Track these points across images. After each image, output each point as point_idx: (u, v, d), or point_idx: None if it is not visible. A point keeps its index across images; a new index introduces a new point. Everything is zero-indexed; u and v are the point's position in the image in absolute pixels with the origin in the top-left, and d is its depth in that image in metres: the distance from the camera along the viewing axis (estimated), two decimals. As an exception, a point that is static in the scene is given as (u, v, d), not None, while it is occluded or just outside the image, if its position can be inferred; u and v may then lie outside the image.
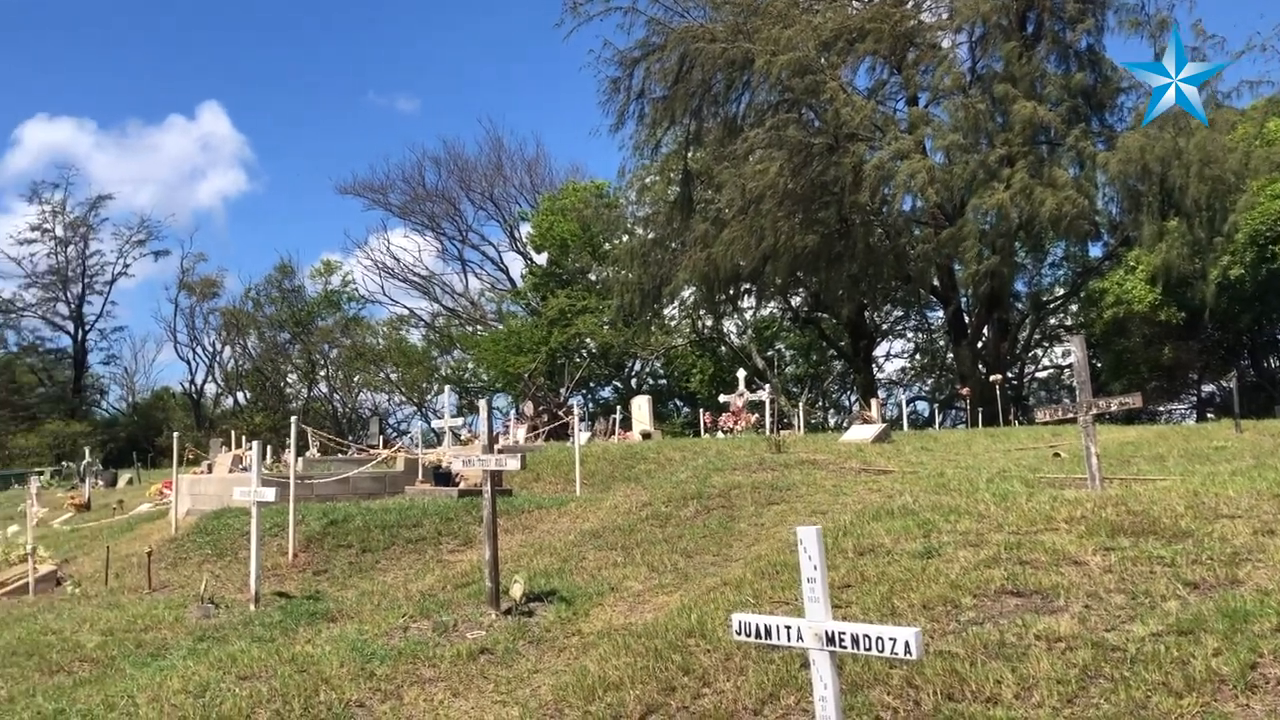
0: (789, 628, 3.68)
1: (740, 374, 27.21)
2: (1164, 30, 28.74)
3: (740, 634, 3.85)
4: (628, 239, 45.20)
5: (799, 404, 31.38)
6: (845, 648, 3.53)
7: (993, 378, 30.20)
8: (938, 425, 34.75)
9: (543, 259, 53.35)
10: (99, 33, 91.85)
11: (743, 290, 41.35)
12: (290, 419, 13.45)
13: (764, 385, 29.98)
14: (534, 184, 58.18)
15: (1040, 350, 48.92)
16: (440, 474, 15.41)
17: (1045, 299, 44.55)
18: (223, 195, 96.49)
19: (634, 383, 52.33)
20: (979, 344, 36.94)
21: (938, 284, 37.36)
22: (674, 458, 16.61)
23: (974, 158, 30.05)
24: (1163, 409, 40.28)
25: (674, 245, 38.79)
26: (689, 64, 34.59)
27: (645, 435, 24.63)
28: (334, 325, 60.68)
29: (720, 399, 26.96)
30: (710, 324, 46.99)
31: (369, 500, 14.54)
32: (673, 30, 35.72)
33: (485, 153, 60.86)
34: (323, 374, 61.96)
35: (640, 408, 27.22)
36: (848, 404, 50.38)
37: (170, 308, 64.82)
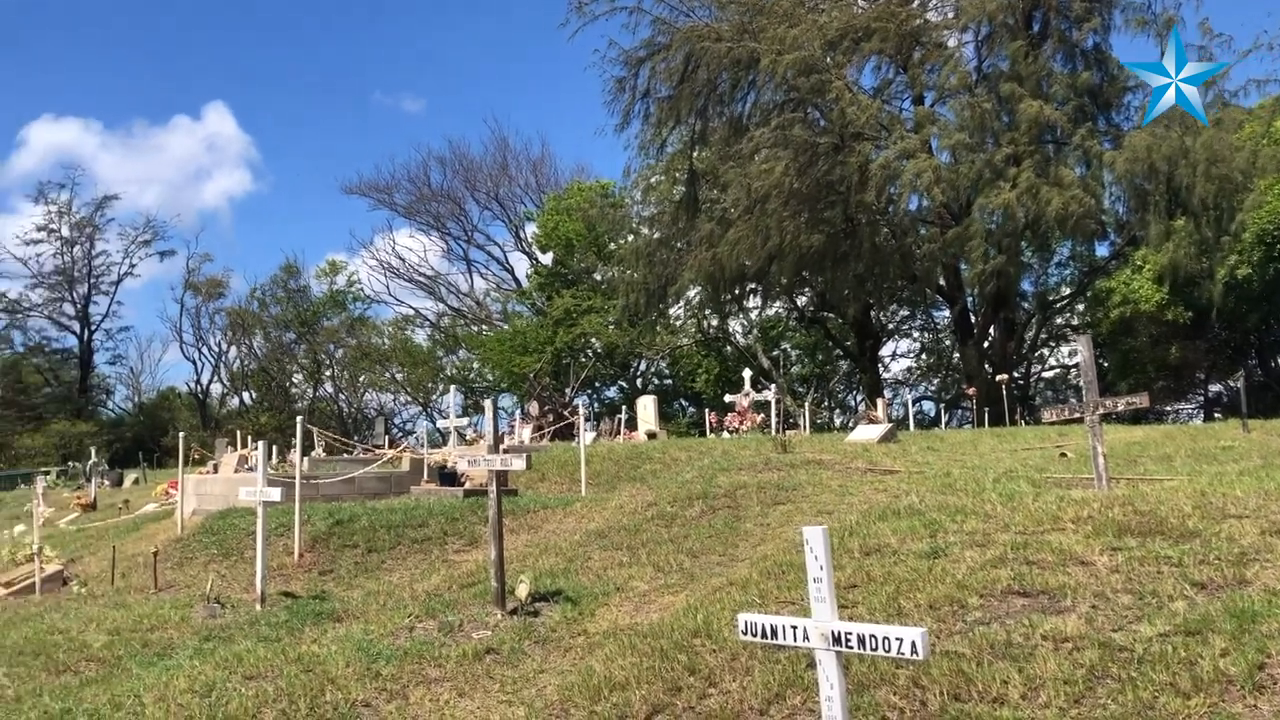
0: (795, 628, 3.68)
1: (746, 374, 27.22)
2: (1170, 29, 28.69)
3: (746, 634, 3.84)
4: (633, 239, 45.21)
5: (805, 404, 31.33)
6: (851, 648, 3.52)
7: (999, 377, 30.16)
8: (944, 425, 34.72)
9: (548, 259, 53.40)
10: (104, 33, 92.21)
11: (748, 290, 41.32)
12: (296, 419, 13.47)
13: (769, 385, 29.98)
14: (539, 184, 58.27)
15: (1047, 350, 48.73)
16: (446, 474, 15.42)
17: (1051, 298, 44.41)
18: (228, 195, 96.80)
19: (639, 383, 52.33)
20: (985, 344, 36.89)
21: (944, 283, 37.34)
22: (679, 458, 16.61)
23: (980, 157, 30.01)
24: (1170, 409, 40.10)
25: (679, 245, 38.80)
26: (694, 63, 34.61)
27: (651, 435, 24.63)
28: (339, 325, 60.75)
29: (726, 399, 26.96)
30: (716, 324, 46.97)
31: (374, 500, 14.55)
32: (678, 30, 35.74)
33: (490, 152, 60.95)
34: (328, 374, 62.06)
35: (646, 408, 27.23)
36: (853, 404, 50.33)
37: (176, 308, 65.06)
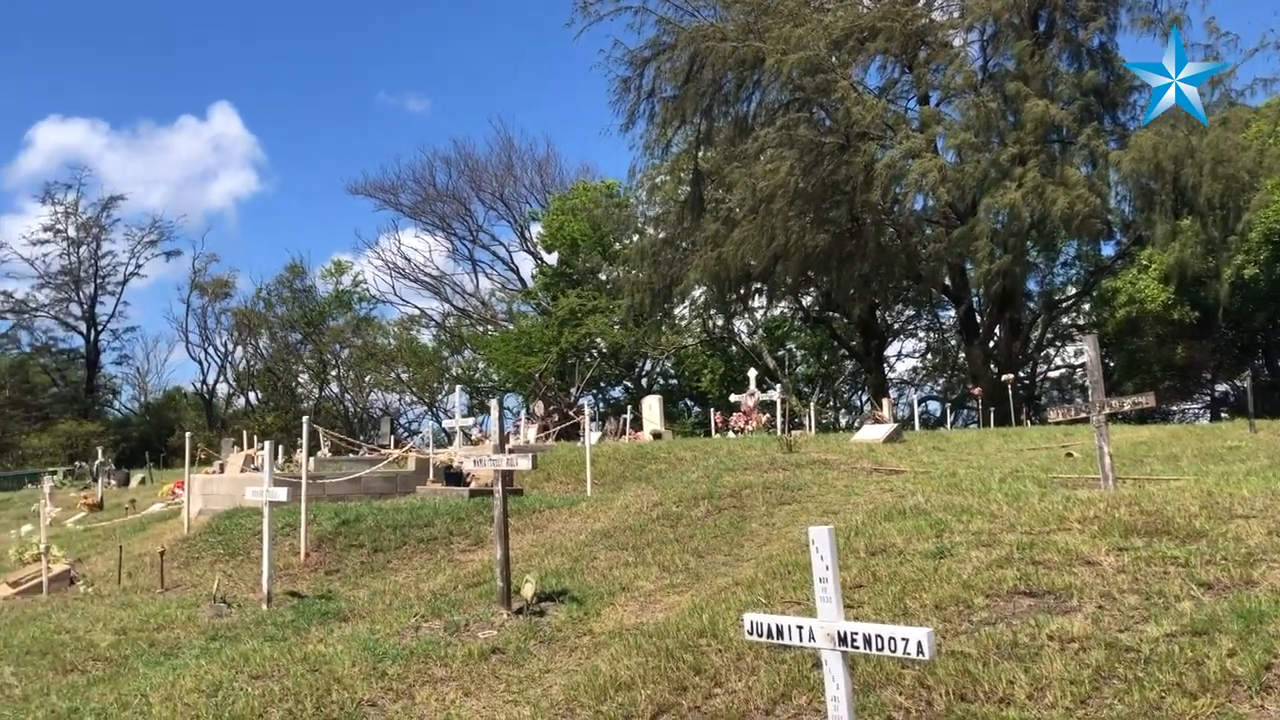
0: (801, 628, 3.67)
1: (751, 374, 27.21)
2: (1177, 28, 28.60)
3: (752, 634, 3.84)
4: (638, 239, 45.19)
5: (810, 404, 31.33)
6: (857, 648, 3.52)
7: (1004, 377, 30.11)
8: (949, 425, 34.68)
9: (553, 259, 53.44)
10: (110, 35, 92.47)
11: (753, 290, 41.27)
12: (302, 419, 13.50)
13: (775, 385, 29.94)
14: (544, 184, 58.32)
15: (1052, 350, 48.67)
16: (451, 474, 15.44)
17: (1057, 298, 44.36)
18: (234, 196, 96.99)
19: (644, 382, 52.34)
20: (991, 343, 36.82)
21: (949, 283, 37.27)
22: (685, 457, 16.59)
23: (986, 156, 29.96)
24: (1176, 409, 40.04)
25: (684, 245, 38.78)
26: (699, 63, 34.57)
27: (656, 435, 24.62)
28: (345, 325, 60.85)
29: (731, 399, 26.94)
30: (721, 324, 46.96)
31: (380, 500, 14.56)
32: (683, 29, 35.71)
33: (496, 153, 60.99)
34: (334, 374, 62.18)
35: (651, 407, 27.24)
36: (859, 404, 50.29)
37: (182, 308, 65.18)
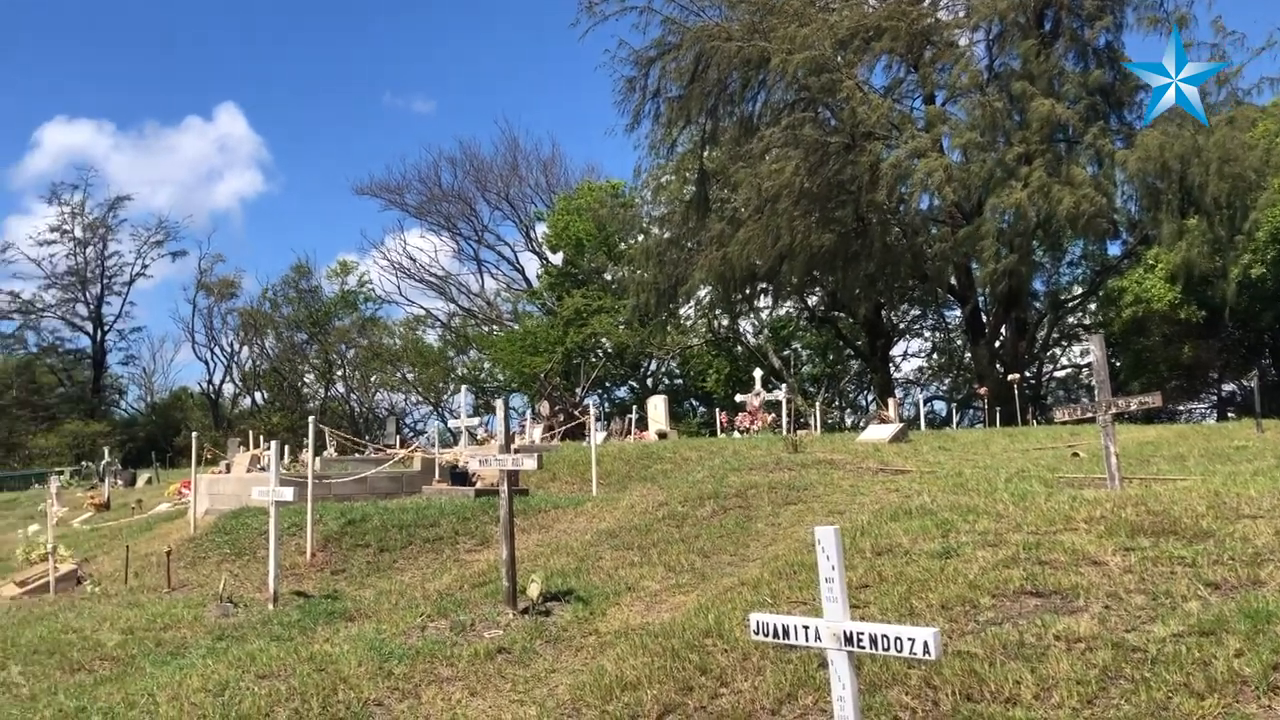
0: (807, 628, 3.67)
1: (757, 373, 27.17)
2: (1183, 27, 28.52)
3: (758, 634, 3.84)
4: (643, 238, 45.20)
5: (816, 403, 31.29)
6: (863, 648, 3.51)
7: (1010, 377, 30.02)
8: (955, 425, 34.59)
9: (558, 259, 53.44)
10: (116, 35, 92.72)
11: (759, 289, 41.24)
12: (308, 419, 13.51)
13: (780, 385, 29.95)
14: (549, 184, 58.36)
15: (1058, 349, 48.57)
16: (457, 474, 15.44)
17: (1063, 298, 44.27)
18: (240, 196, 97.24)
19: (650, 382, 52.33)
20: (997, 343, 36.75)
21: (955, 283, 37.21)
22: (690, 457, 16.59)
23: (991, 156, 29.92)
24: (1183, 408, 39.95)
25: (690, 245, 38.75)
26: (705, 63, 34.56)
27: (661, 435, 24.62)
28: (351, 325, 60.95)
29: (736, 399, 26.92)
30: (726, 323, 46.91)
31: (386, 500, 14.59)
32: (688, 29, 35.71)
33: (501, 153, 60.92)
34: (340, 374, 62.27)
35: (656, 407, 27.23)
36: (865, 403, 50.21)
37: (188, 308, 65.19)
